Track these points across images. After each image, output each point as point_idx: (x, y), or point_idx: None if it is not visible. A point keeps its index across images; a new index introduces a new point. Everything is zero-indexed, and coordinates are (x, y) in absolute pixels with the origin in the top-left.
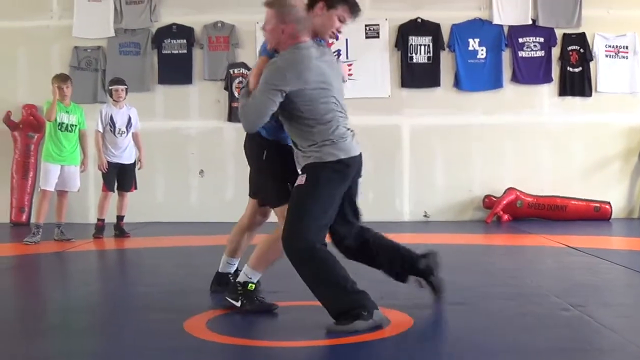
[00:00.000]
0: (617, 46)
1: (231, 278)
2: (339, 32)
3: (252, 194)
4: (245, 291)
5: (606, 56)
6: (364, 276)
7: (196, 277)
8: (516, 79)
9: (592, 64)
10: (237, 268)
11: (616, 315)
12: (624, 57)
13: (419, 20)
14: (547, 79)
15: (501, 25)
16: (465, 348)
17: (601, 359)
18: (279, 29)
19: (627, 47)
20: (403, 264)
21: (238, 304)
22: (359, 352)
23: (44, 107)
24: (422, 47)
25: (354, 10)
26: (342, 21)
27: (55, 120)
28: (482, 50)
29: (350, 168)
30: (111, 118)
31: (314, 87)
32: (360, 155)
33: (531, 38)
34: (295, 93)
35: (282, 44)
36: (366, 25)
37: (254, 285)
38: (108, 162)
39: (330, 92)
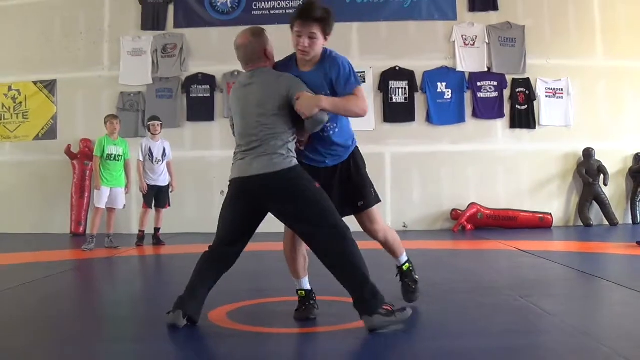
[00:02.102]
0: (554, 89)
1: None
2: (302, 47)
3: None
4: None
5: (546, 96)
6: None
7: None
8: (476, 114)
9: (535, 103)
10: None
11: (555, 303)
12: (560, 97)
13: (397, 68)
14: (500, 114)
15: (463, 72)
16: (436, 331)
17: (543, 338)
18: None
19: (562, 90)
20: None
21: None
22: (350, 337)
23: (96, 142)
24: (400, 90)
25: (297, 17)
26: (299, 36)
27: (104, 151)
28: (448, 92)
29: (235, 188)
30: (149, 149)
31: (232, 112)
32: (246, 178)
33: (487, 82)
34: None
35: None
36: None
37: (303, 292)
38: (147, 184)
39: (236, 117)
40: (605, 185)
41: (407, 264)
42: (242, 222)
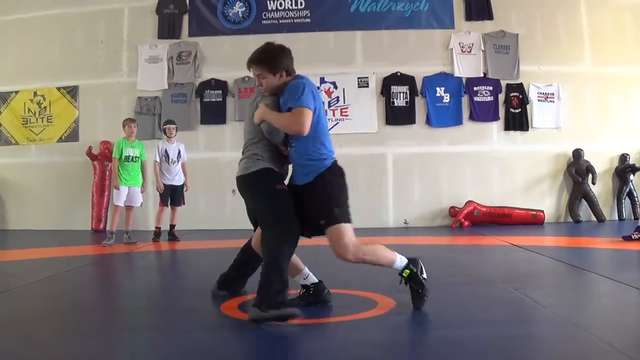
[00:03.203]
0: (546, 93)
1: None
2: (258, 84)
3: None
4: None
5: (538, 100)
6: (364, 269)
7: None
8: (472, 117)
9: (528, 107)
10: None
11: (547, 295)
12: (551, 101)
13: (399, 73)
14: (496, 117)
15: (461, 77)
16: (436, 322)
17: (535, 328)
18: None
19: (553, 94)
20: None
21: None
22: (355, 327)
23: (114, 144)
24: (401, 94)
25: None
26: (255, 76)
27: (122, 153)
28: (446, 96)
29: None
30: (165, 151)
31: None
32: (236, 178)
33: (483, 87)
34: None
35: None
36: (358, 78)
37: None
38: (163, 184)
39: None
40: (594, 184)
41: (407, 270)
42: (252, 214)
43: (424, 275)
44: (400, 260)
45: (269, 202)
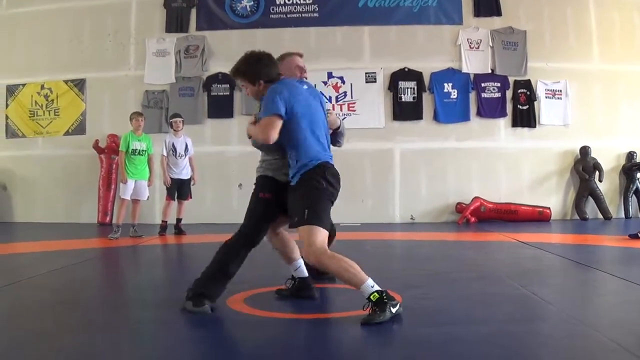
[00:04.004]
0: (553, 90)
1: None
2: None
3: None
4: None
5: (546, 97)
6: (373, 265)
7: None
8: (480, 114)
9: (535, 103)
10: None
11: (553, 292)
12: (559, 98)
13: (406, 69)
14: (503, 114)
15: (468, 73)
16: (442, 318)
17: (542, 325)
18: None
19: (561, 91)
20: None
21: None
22: (358, 322)
23: (121, 138)
24: (409, 90)
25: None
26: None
27: (129, 146)
28: (454, 92)
29: None
30: (173, 145)
31: None
32: None
33: (491, 83)
34: None
35: None
36: (366, 73)
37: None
38: (170, 178)
39: None
40: (600, 181)
41: (375, 294)
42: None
43: (393, 310)
44: (372, 287)
45: (249, 207)
